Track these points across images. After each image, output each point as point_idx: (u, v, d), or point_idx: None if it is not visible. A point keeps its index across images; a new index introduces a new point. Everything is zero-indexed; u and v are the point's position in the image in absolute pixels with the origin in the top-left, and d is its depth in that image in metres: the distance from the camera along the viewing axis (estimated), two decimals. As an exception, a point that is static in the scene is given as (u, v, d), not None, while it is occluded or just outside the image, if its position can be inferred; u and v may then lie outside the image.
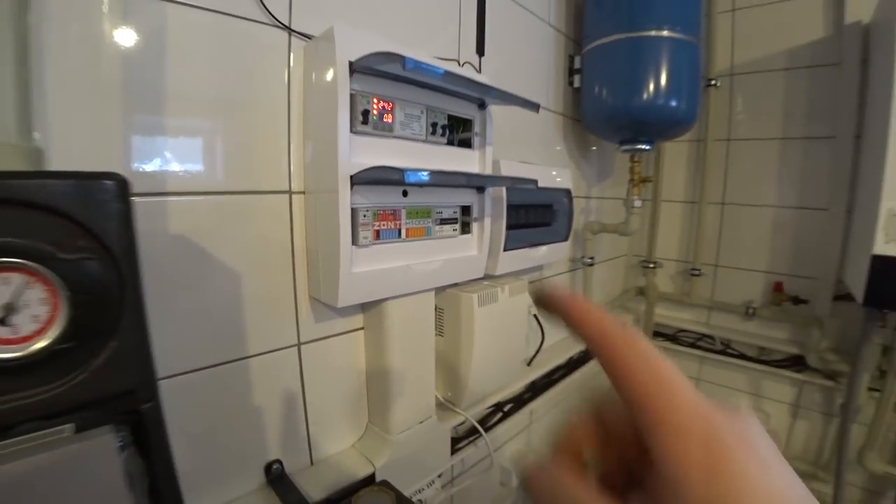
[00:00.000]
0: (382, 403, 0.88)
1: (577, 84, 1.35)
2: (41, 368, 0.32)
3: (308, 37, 0.73)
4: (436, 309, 0.94)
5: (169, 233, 0.62)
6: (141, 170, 0.59)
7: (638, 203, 1.38)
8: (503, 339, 1.06)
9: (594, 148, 1.60)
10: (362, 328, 0.88)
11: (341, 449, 0.88)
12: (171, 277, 0.62)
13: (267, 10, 0.68)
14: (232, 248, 0.68)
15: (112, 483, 0.32)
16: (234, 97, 0.67)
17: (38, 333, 0.31)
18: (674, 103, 1.15)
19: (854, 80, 1.39)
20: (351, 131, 0.67)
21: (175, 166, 0.62)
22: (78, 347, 0.33)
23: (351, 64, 0.65)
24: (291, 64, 0.72)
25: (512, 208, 1.03)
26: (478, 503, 1.31)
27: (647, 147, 1.26)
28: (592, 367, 1.75)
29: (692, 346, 1.86)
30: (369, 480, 0.83)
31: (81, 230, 0.33)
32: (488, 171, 0.92)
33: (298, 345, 0.78)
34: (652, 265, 1.80)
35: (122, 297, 0.35)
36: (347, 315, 0.85)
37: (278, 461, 0.78)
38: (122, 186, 0.35)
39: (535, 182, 0.92)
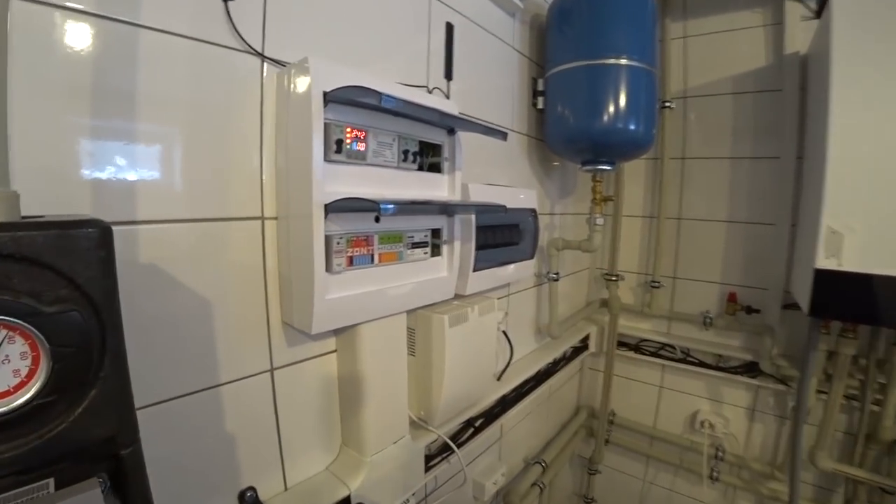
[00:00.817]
0: (356, 425, 0.88)
1: (540, 106, 1.40)
2: (21, 423, 0.32)
3: (281, 63, 0.74)
4: (408, 330, 0.96)
5: (139, 262, 0.61)
6: (109, 199, 0.58)
7: (600, 221, 1.44)
8: (474, 357, 1.08)
9: (556, 164, 1.65)
10: (335, 351, 0.88)
11: (315, 472, 0.88)
12: (142, 309, 0.61)
13: (240, 36, 0.68)
14: (204, 276, 0.68)
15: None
16: (206, 123, 0.66)
17: (20, 388, 0.31)
18: (632, 126, 1.21)
19: (794, 106, 1.50)
20: (325, 160, 0.68)
21: (145, 193, 0.61)
22: (59, 399, 0.33)
23: (325, 94, 0.66)
24: (264, 90, 0.73)
25: (480, 229, 1.05)
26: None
27: (609, 168, 1.31)
28: (560, 377, 1.80)
29: (654, 354, 1.93)
30: (344, 503, 0.83)
31: (63, 280, 0.33)
32: (457, 195, 0.94)
33: (271, 370, 0.78)
34: (614, 278, 1.86)
35: (103, 344, 0.35)
36: (320, 339, 0.85)
37: (252, 488, 0.77)
38: (104, 234, 0.35)
39: (504, 207, 0.95)
